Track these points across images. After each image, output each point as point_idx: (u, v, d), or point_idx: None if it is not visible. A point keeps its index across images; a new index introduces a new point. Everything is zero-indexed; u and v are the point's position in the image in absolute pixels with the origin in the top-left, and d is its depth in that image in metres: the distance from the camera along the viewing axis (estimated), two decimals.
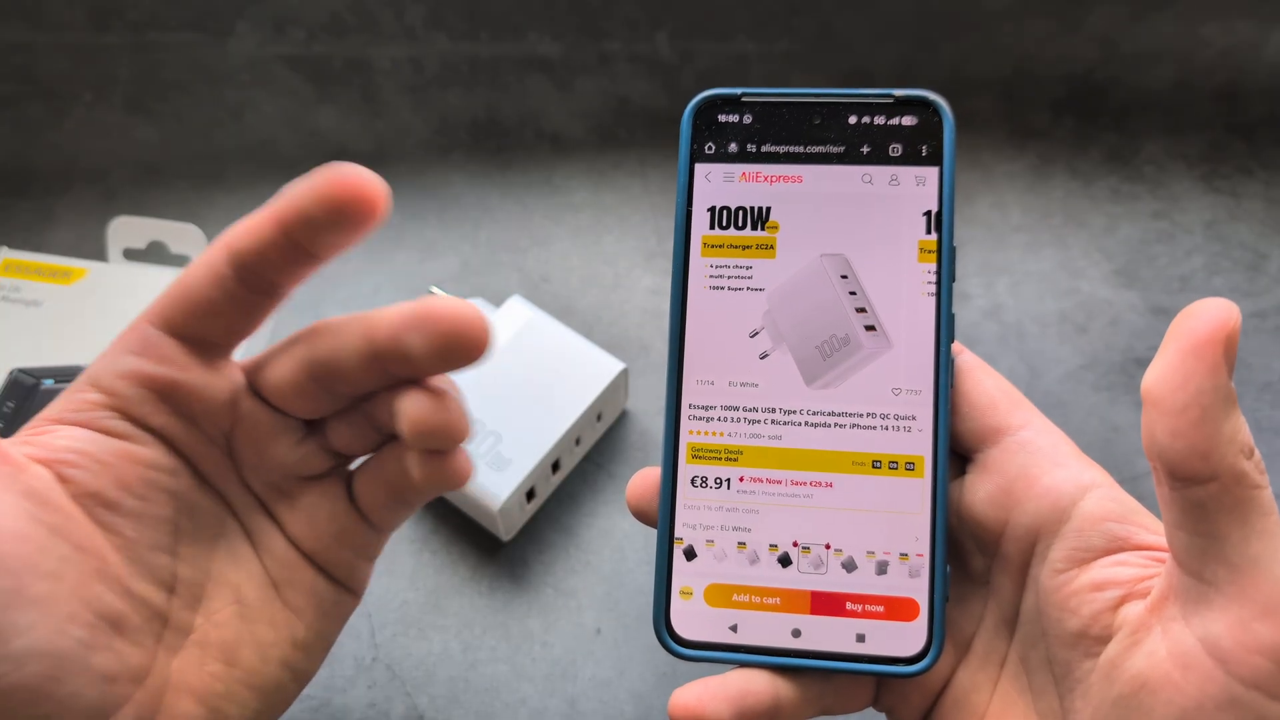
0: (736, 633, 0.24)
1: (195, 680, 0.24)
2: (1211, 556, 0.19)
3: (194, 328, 0.24)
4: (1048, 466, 0.23)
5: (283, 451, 0.26)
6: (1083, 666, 0.22)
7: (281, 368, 0.25)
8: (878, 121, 0.25)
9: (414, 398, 0.24)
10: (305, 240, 0.23)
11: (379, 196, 0.23)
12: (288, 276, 0.24)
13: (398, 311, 0.23)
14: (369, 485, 0.27)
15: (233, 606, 0.25)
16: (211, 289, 0.24)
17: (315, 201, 0.23)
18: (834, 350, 0.25)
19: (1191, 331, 0.19)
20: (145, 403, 0.24)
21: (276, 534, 0.26)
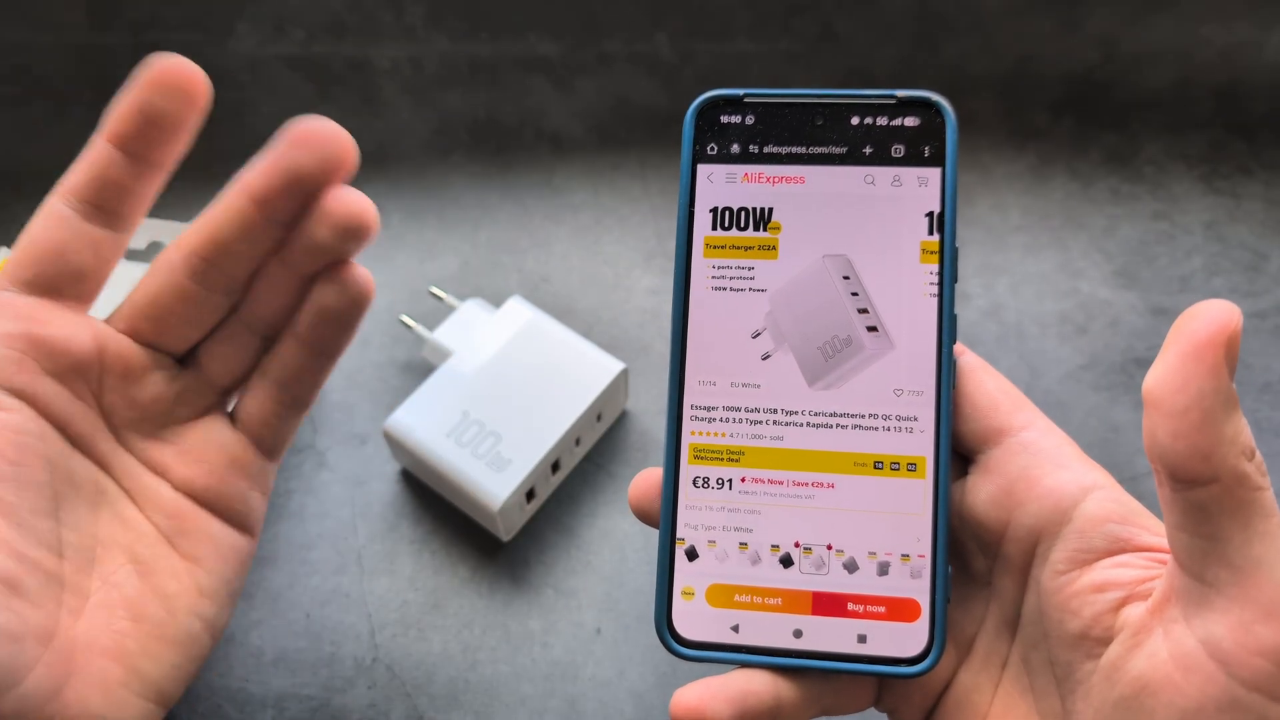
0: (738, 633, 0.24)
1: (106, 640, 0.24)
2: (1213, 558, 0.19)
3: (46, 278, 0.24)
4: (1050, 468, 0.23)
5: (156, 392, 0.26)
6: (1084, 668, 0.22)
7: (152, 283, 0.25)
8: (880, 122, 0.25)
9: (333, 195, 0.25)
10: (138, 145, 0.24)
11: (198, 74, 0.24)
12: (129, 197, 0.25)
13: (267, 155, 0.24)
14: (256, 399, 0.27)
15: (128, 566, 0.25)
16: (55, 230, 0.24)
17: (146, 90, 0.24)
18: (836, 351, 0.25)
19: (1192, 333, 0.19)
20: (7, 364, 0.24)
21: (162, 485, 0.26)
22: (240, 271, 0.26)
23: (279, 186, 0.24)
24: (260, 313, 0.26)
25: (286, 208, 0.25)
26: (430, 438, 0.36)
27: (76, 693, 0.23)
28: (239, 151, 0.50)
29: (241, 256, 0.25)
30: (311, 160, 0.24)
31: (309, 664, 0.35)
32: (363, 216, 0.25)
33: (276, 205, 0.25)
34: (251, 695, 0.34)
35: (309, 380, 0.28)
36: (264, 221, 0.25)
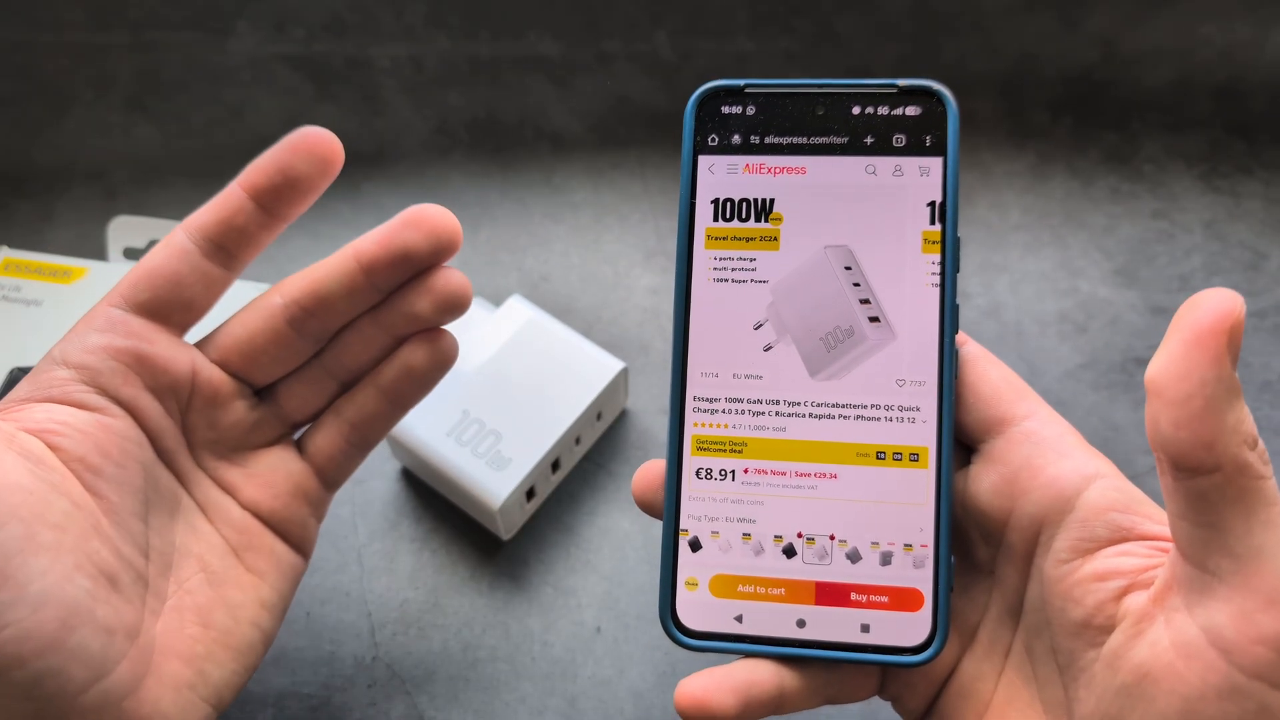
0: (742, 623, 0.24)
1: (178, 642, 0.25)
2: (1215, 547, 0.19)
3: (158, 304, 0.26)
4: (1052, 457, 0.23)
5: (236, 419, 0.28)
6: (1086, 656, 0.22)
7: (251, 322, 0.27)
8: (881, 112, 0.25)
9: (440, 274, 0.28)
10: (271, 199, 0.26)
11: (339, 146, 0.26)
12: (249, 243, 0.27)
13: (383, 226, 0.27)
14: (326, 437, 0.29)
15: (200, 574, 0.26)
16: (175, 263, 0.26)
17: (292, 152, 0.26)
18: (838, 342, 0.25)
19: (1195, 322, 0.19)
20: (115, 374, 0.25)
21: (231, 503, 0.28)
22: (335, 324, 0.28)
23: (389, 261, 0.27)
24: (345, 362, 0.29)
25: (392, 279, 0.27)
26: (430, 436, 0.36)
27: (150, 691, 0.24)
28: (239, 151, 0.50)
29: (339, 312, 0.27)
30: (424, 243, 0.27)
31: (309, 662, 0.35)
32: (462, 295, 0.28)
33: (383, 275, 0.27)
34: (251, 693, 0.34)
35: (380, 426, 0.29)
36: (368, 286, 0.27)
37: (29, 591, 0.21)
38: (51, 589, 0.22)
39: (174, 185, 0.48)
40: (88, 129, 0.49)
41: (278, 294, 0.27)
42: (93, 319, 0.26)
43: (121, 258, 0.42)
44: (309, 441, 0.29)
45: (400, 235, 0.27)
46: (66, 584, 0.22)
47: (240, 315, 0.28)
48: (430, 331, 0.29)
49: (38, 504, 0.22)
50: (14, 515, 0.22)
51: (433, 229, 0.27)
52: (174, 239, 0.26)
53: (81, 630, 0.22)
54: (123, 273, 0.41)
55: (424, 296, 0.28)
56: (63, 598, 0.22)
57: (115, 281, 0.42)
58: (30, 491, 0.22)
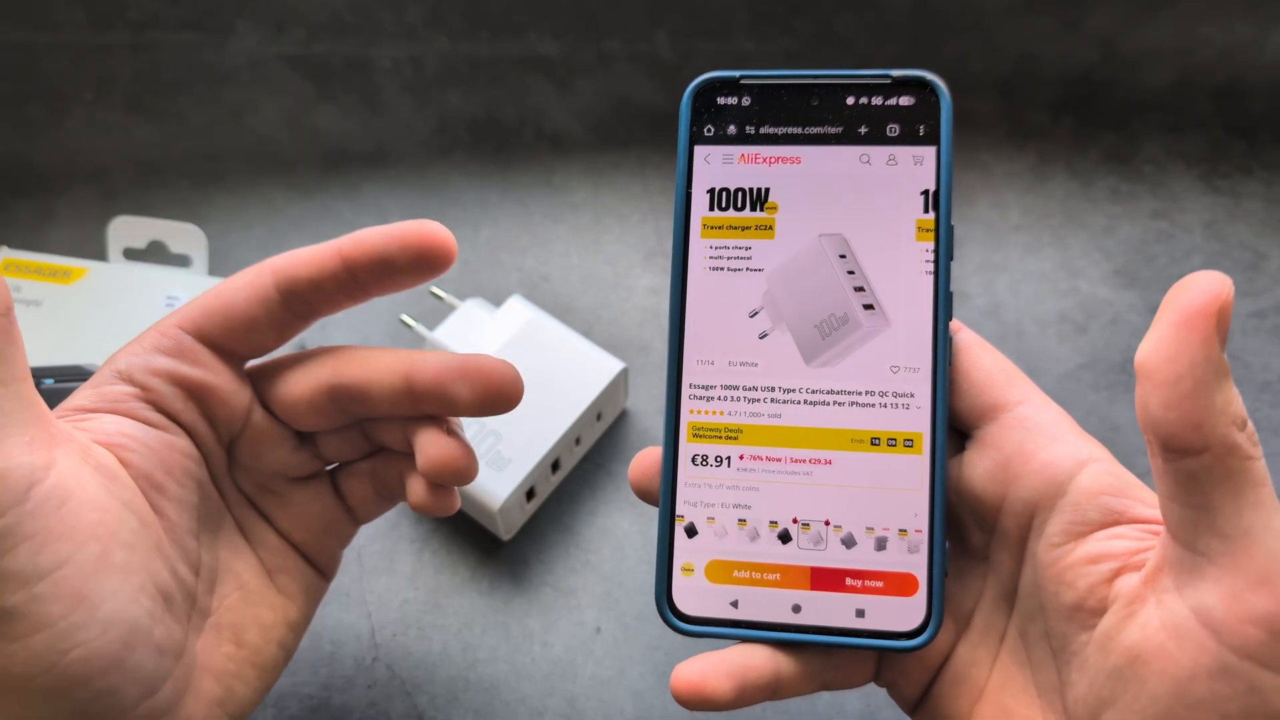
0: (737, 608, 0.24)
1: (213, 660, 0.25)
2: (1204, 528, 0.20)
3: (228, 340, 0.26)
4: (1045, 442, 0.24)
5: (278, 458, 0.28)
6: (1079, 639, 0.22)
7: (300, 386, 0.27)
8: (875, 102, 0.25)
9: (438, 439, 0.27)
10: (367, 277, 0.26)
11: (453, 253, 0.25)
12: (332, 306, 0.26)
13: (443, 361, 0.26)
14: (358, 485, 0.29)
15: (238, 592, 0.27)
16: (254, 307, 0.26)
17: (398, 245, 0.25)
18: (833, 329, 0.25)
19: (1184, 304, 0.19)
20: (177, 399, 0.25)
21: (268, 528, 0.28)
22: (373, 416, 0.27)
23: (435, 395, 0.26)
24: (379, 437, 0.28)
25: (436, 412, 0.27)
26: None
27: (186, 708, 0.24)
28: (239, 151, 0.50)
29: (379, 412, 0.27)
30: (472, 399, 0.26)
31: (309, 663, 0.35)
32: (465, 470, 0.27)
33: (429, 409, 0.27)
34: None
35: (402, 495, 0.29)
36: (411, 405, 0.27)
37: (100, 613, 0.22)
38: (119, 610, 0.22)
39: (174, 185, 0.48)
40: (88, 129, 0.49)
41: (329, 369, 0.27)
42: (161, 338, 0.26)
43: (121, 258, 0.42)
44: (343, 482, 0.29)
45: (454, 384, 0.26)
46: (132, 605, 0.22)
47: (291, 375, 0.27)
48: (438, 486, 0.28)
49: (113, 523, 0.22)
50: (92, 535, 0.22)
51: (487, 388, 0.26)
52: (260, 280, 0.26)
53: (140, 650, 0.22)
54: (122, 274, 0.42)
55: (421, 456, 0.27)
56: (128, 618, 0.22)
57: (114, 283, 0.42)
58: (106, 510, 0.22)
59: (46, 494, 0.21)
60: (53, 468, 0.22)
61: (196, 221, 0.42)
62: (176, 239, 0.42)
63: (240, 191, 0.48)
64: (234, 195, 0.48)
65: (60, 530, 0.21)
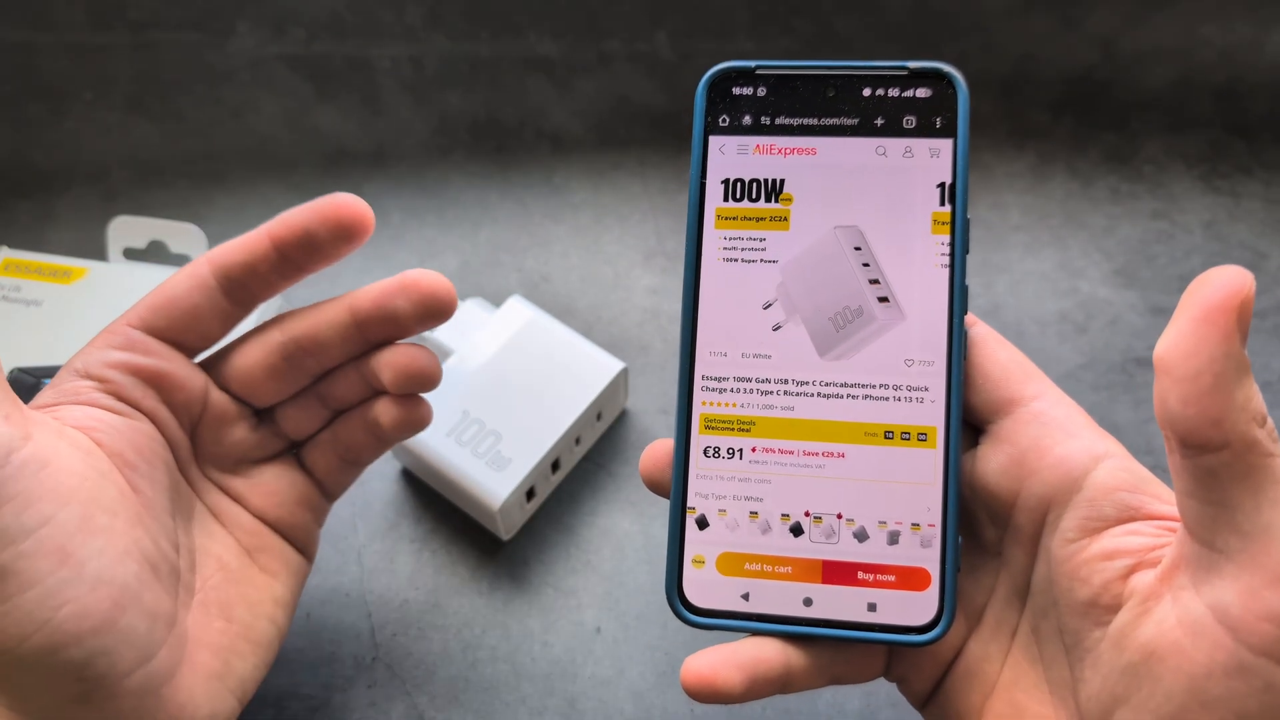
0: (748, 601, 0.24)
1: (206, 634, 0.26)
2: (1222, 524, 0.19)
3: (175, 332, 0.27)
4: (1060, 437, 0.23)
5: (240, 437, 0.29)
6: (1093, 635, 0.22)
7: (252, 353, 0.28)
8: (892, 94, 0.25)
9: (395, 349, 0.29)
10: (296, 254, 0.27)
11: (368, 221, 0.27)
12: (268, 288, 0.28)
13: (381, 284, 0.28)
14: (322, 456, 0.30)
15: (220, 572, 0.27)
16: (195, 296, 0.27)
17: (317, 218, 0.26)
18: (847, 322, 0.25)
19: (1205, 299, 0.19)
20: (135, 388, 0.26)
21: (240, 510, 0.29)
22: (328, 364, 0.29)
23: (380, 319, 0.28)
24: (335, 394, 0.30)
25: (381, 335, 0.28)
26: (431, 437, 0.36)
27: (185, 679, 0.25)
28: (239, 151, 0.50)
29: (332, 356, 0.29)
30: (413, 311, 0.28)
31: (309, 663, 0.35)
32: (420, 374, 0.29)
33: (374, 331, 0.28)
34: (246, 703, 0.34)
35: (369, 453, 0.31)
36: (359, 338, 0.28)
37: (86, 570, 0.22)
38: (105, 569, 0.22)
39: (174, 185, 0.48)
40: (88, 129, 0.49)
41: (278, 330, 0.28)
42: (112, 336, 0.27)
43: (121, 258, 0.42)
44: (307, 457, 0.30)
45: (393, 299, 0.28)
46: (118, 566, 0.23)
47: (243, 346, 0.29)
48: (409, 398, 0.30)
49: (92, 488, 0.23)
50: (73, 497, 0.22)
51: (423, 296, 0.28)
52: (198, 270, 0.27)
53: (131, 612, 0.23)
54: (122, 274, 0.42)
55: (385, 370, 0.29)
56: (115, 578, 0.23)
57: (114, 283, 0.42)
58: (85, 477, 0.23)
59: (25, 459, 0.22)
60: (30, 440, 0.22)
61: (196, 221, 0.42)
62: (176, 239, 0.41)
63: (240, 191, 0.48)
64: (234, 195, 0.48)
65: (41, 492, 0.22)
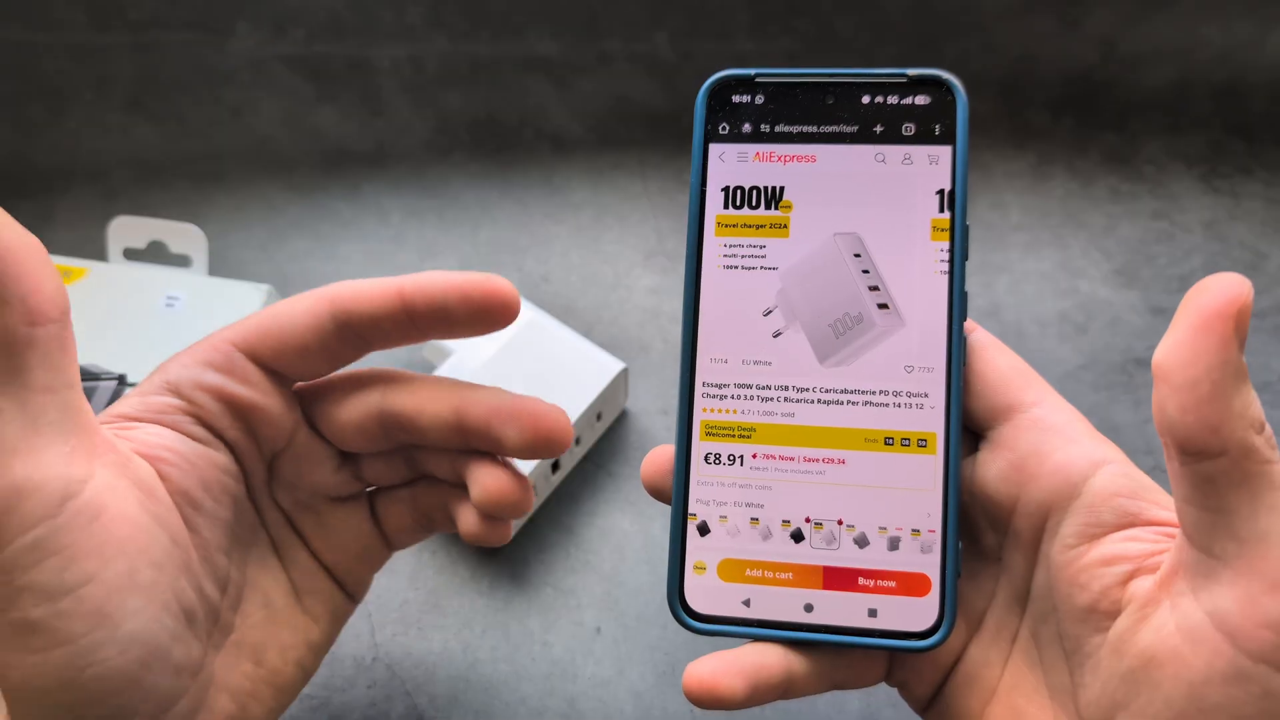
0: (749, 607, 0.24)
1: (230, 678, 0.25)
2: (1221, 531, 0.19)
3: (279, 363, 0.26)
4: (1060, 443, 0.23)
5: (320, 477, 0.28)
6: (1092, 641, 0.22)
7: (350, 410, 0.27)
8: (891, 101, 0.25)
9: (492, 472, 0.27)
10: (425, 322, 0.25)
11: (515, 308, 0.26)
12: (386, 343, 0.26)
13: (495, 401, 0.26)
14: (396, 511, 0.29)
15: (263, 611, 0.27)
16: (309, 334, 0.26)
17: (458, 296, 0.25)
18: (847, 328, 0.25)
19: (1203, 306, 0.19)
20: (223, 416, 0.25)
21: (301, 548, 0.28)
22: (421, 445, 0.27)
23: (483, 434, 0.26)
24: (425, 466, 0.28)
25: (483, 448, 0.27)
26: None
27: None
28: (239, 151, 0.50)
29: (428, 443, 0.27)
30: (520, 441, 0.26)
31: None
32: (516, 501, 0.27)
33: (476, 445, 0.26)
34: None
35: (443, 528, 0.29)
36: (460, 441, 0.26)
37: (121, 632, 0.21)
38: (140, 630, 0.22)
39: (174, 185, 0.48)
40: (88, 129, 0.49)
41: (379, 395, 0.27)
42: (214, 354, 0.25)
43: (121, 258, 0.42)
44: (381, 506, 0.29)
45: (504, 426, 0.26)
46: (154, 624, 0.22)
47: (343, 399, 0.27)
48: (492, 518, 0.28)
49: (144, 539, 0.22)
50: (121, 551, 0.22)
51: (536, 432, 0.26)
52: (318, 308, 0.25)
53: (158, 669, 0.22)
54: (122, 274, 0.42)
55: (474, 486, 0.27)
56: (148, 638, 0.22)
57: (114, 283, 0.42)
58: (139, 526, 0.22)
59: (80, 508, 0.21)
60: (90, 480, 0.21)
61: (196, 221, 0.42)
62: (176, 239, 0.42)
63: (240, 191, 0.48)
64: (234, 195, 0.48)
65: (90, 546, 0.21)
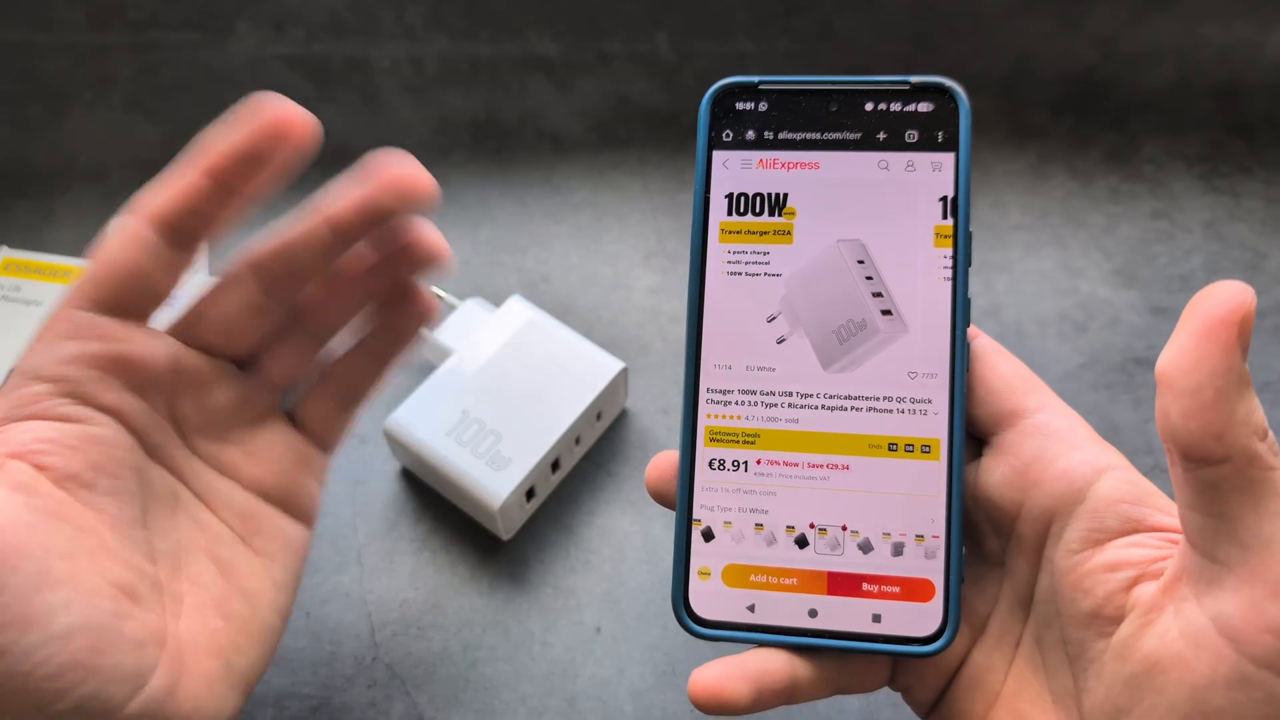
0: (754, 613, 0.24)
1: (203, 638, 0.25)
2: (1224, 537, 0.20)
3: (123, 299, 0.25)
4: (1063, 449, 0.24)
5: (224, 398, 0.27)
6: (1096, 646, 0.22)
7: (227, 297, 0.26)
8: (894, 108, 0.25)
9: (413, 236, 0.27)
10: (237, 182, 0.25)
11: (306, 121, 0.25)
12: (211, 224, 0.25)
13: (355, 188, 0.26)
14: (317, 404, 0.29)
15: (212, 567, 0.26)
16: (137, 254, 0.25)
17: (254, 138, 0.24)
18: (851, 334, 0.25)
19: (1206, 313, 0.19)
20: (94, 382, 0.24)
21: (233, 487, 0.28)
22: (308, 284, 0.27)
23: (363, 221, 0.26)
24: (325, 321, 0.28)
25: (363, 235, 0.27)
26: (430, 437, 0.36)
27: (187, 690, 0.24)
28: None
29: (313, 273, 0.27)
30: (398, 204, 0.26)
31: (309, 663, 0.35)
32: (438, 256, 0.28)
33: (354, 233, 0.27)
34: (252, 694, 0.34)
35: (369, 382, 0.30)
36: (339, 244, 0.26)
37: (55, 627, 0.21)
38: (76, 620, 0.22)
39: None
40: (87, 130, 0.49)
41: (245, 266, 0.26)
42: (57, 325, 0.25)
43: None
44: (301, 409, 0.29)
45: (377, 200, 0.26)
46: (89, 610, 0.22)
47: (213, 293, 0.27)
48: (408, 287, 0.29)
49: (42, 538, 0.22)
50: (22, 554, 0.21)
51: (406, 190, 0.26)
52: (128, 228, 0.25)
53: (113, 650, 0.22)
54: None
55: (403, 263, 0.27)
56: (88, 625, 0.22)
57: None
58: (31, 526, 0.22)
59: None
60: None
61: None
62: None
63: None
64: None
65: None
